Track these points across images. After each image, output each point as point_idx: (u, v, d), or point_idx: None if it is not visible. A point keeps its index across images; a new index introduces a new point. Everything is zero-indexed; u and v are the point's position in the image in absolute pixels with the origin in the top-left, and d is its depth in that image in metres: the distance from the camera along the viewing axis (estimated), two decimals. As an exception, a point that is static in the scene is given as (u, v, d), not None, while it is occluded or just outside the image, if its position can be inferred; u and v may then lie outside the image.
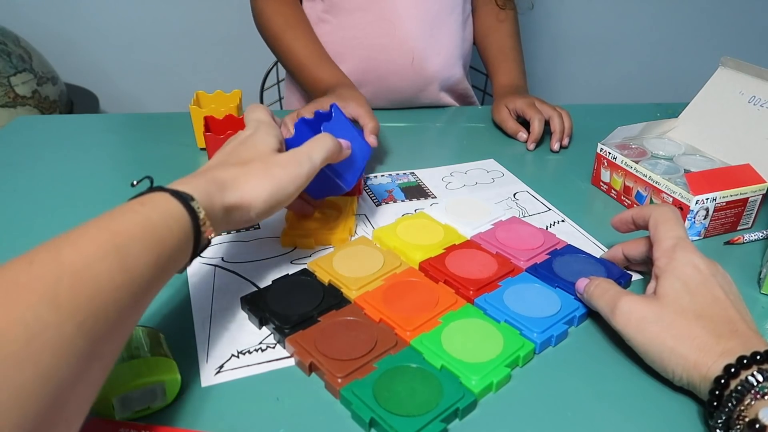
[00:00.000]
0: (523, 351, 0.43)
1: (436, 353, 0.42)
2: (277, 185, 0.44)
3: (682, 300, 0.41)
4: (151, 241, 0.33)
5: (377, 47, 0.92)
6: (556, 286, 0.50)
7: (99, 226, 0.32)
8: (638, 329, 0.41)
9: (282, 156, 0.46)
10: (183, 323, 0.47)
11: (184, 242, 0.37)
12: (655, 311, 0.41)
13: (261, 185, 0.43)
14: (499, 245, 0.56)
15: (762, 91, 0.66)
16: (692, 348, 0.38)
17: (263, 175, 0.44)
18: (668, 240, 0.44)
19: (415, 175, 0.74)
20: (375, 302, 0.48)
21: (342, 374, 0.40)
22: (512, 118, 0.85)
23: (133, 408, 0.38)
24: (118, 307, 0.30)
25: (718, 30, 1.95)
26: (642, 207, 0.50)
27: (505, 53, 1.00)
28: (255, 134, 0.48)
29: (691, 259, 0.42)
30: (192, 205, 0.37)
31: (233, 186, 0.42)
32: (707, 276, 0.42)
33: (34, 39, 1.53)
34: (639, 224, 0.50)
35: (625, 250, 0.53)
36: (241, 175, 0.43)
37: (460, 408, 0.39)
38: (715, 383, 0.36)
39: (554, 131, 0.81)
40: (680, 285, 0.41)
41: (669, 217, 0.46)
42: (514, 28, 1.03)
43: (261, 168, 0.44)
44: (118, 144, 0.83)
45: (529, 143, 0.82)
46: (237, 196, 0.42)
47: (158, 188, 0.38)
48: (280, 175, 0.45)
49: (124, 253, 0.31)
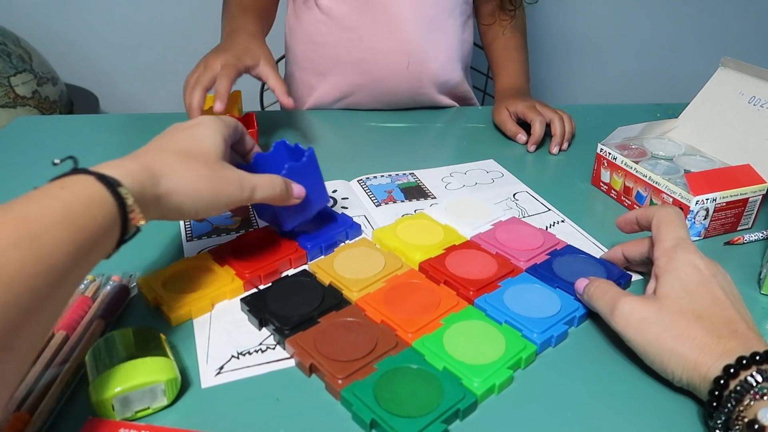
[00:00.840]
0: (525, 353, 0.43)
1: (438, 355, 0.42)
2: (214, 198, 0.43)
3: (682, 300, 0.41)
4: (70, 229, 0.32)
5: (373, 50, 0.91)
6: (556, 287, 0.50)
7: (13, 212, 0.31)
8: (638, 330, 0.41)
9: (230, 173, 0.45)
10: (183, 324, 0.48)
11: (108, 230, 0.35)
12: (655, 312, 0.41)
13: (199, 190, 0.42)
14: (499, 246, 0.56)
15: (762, 92, 0.66)
16: (692, 349, 0.38)
17: (204, 182, 0.42)
18: (669, 240, 0.44)
19: (414, 175, 0.74)
20: (377, 304, 0.48)
21: (342, 375, 0.40)
22: (512, 120, 0.85)
23: (133, 408, 0.38)
24: (32, 296, 0.29)
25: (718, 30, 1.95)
26: (646, 208, 0.50)
27: (510, 53, 1.00)
28: (202, 127, 0.46)
29: (692, 259, 0.42)
30: (119, 191, 0.35)
31: (168, 176, 0.40)
32: (707, 276, 0.41)
33: (34, 39, 1.53)
34: (643, 225, 0.50)
35: (625, 250, 0.53)
36: (180, 169, 0.41)
37: (461, 409, 0.39)
38: (715, 384, 0.36)
39: (554, 134, 0.81)
40: (680, 285, 0.41)
41: (672, 218, 0.46)
42: (520, 25, 1.02)
43: (205, 174, 0.42)
44: (118, 144, 0.83)
45: (529, 145, 0.82)
46: (170, 187, 0.40)
47: (82, 170, 0.36)
48: (221, 190, 0.43)
49: (39, 242, 0.30)
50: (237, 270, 0.52)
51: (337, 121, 0.93)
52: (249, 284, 0.51)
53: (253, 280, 0.51)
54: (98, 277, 0.51)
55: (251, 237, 0.56)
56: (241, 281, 0.51)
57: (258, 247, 0.55)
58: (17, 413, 0.37)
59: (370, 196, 0.68)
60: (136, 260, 0.54)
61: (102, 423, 0.37)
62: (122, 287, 0.49)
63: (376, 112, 0.96)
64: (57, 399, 0.39)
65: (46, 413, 0.38)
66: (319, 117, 0.95)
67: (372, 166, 0.76)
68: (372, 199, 0.68)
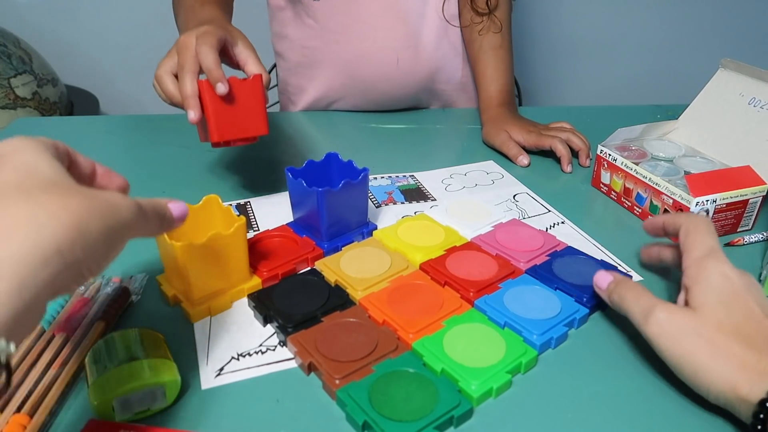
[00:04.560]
0: (525, 358, 0.43)
1: (437, 356, 0.42)
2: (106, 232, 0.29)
3: (719, 313, 0.39)
4: None
5: (359, 51, 0.91)
6: (555, 288, 0.50)
7: None
8: (674, 341, 0.39)
9: (105, 193, 0.31)
10: (183, 325, 0.48)
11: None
12: (694, 324, 0.39)
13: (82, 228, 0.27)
14: (499, 247, 0.56)
15: (762, 93, 0.66)
16: (732, 368, 0.37)
17: (79, 215, 0.28)
18: (699, 249, 0.42)
19: (414, 177, 0.74)
20: (379, 303, 0.48)
21: (339, 375, 0.40)
22: (512, 141, 0.81)
23: (133, 410, 0.38)
24: None
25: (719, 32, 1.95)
26: (675, 214, 0.48)
27: (485, 55, 0.92)
28: (19, 154, 0.30)
29: (723, 269, 0.40)
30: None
31: None
32: (739, 288, 0.40)
33: (34, 41, 1.53)
34: (669, 231, 0.49)
35: (662, 253, 0.51)
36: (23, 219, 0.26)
37: (455, 416, 0.38)
38: (760, 407, 0.35)
39: (580, 149, 0.78)
40: (714, 296, 0.39)
41: (701, 227, 0.44)
42: (498, 26, 0.92)
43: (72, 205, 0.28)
44: (118, 145, 0.83)
45: (566, 166, 0.77)
46: None
47: None
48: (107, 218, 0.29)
49: None
50: (255, 268, 0.52)
51: (337, 122, 0.93)
52: (267, 283, 0.51)
53: (271, 278, 0.52)
54: (98, 279, 0.51)
55: (268, 236, 0.57)
56: (260, 279, 0.51)
57: (275, 246, 0.56)
58: (17, 415, 0.37)
59: (371, 197, 0.68)
60: (136, 261, 0.54)
61: (102, 424, 0.37)
62: (123, 289, 0.49)
63: (376, 114, 0.96)
64: (57, 400, 0.39)
65: (46, 415, 0.38)
66: (319, 118, 0.95)
67: (372, 168, 0.76)
68: (372, 200, 0.68)
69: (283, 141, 0.85)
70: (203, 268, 0.47)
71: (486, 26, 0.92)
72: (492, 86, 0.90)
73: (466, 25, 0.94)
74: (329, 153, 0.60)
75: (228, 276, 0.49)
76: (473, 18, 0.92)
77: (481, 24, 0.91)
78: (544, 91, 1.96)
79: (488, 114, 0.88)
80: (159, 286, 0.50)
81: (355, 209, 0.58)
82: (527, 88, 1.93)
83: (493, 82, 0.91)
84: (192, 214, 0.50)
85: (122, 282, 0.51)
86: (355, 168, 0.57)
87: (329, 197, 0.53)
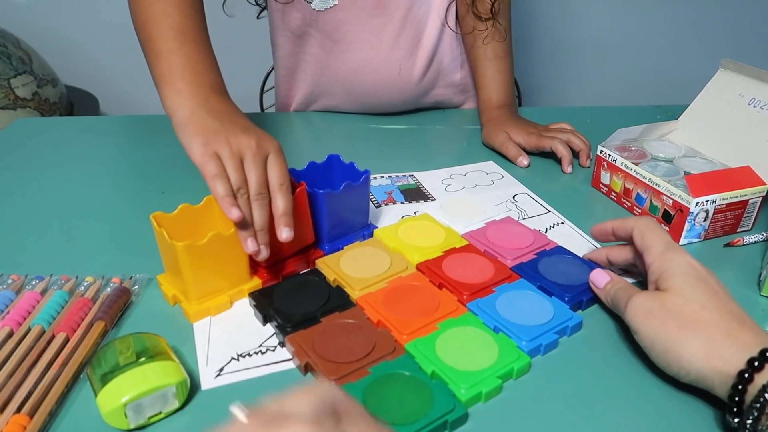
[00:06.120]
0: (518, 364, 0.43)
1: (429, 358, 0.42)
2: None
3: (686, 291, 0.41)
4: None
5: (363, 61, 0.90)
6: (538, 285, 0.51)
7: None
8: (645, 319, 0.42)
9: None
10: (183, 325, 0.48)
11: None
12: (663, 302, 0.42)
13: None
14: (488, 243, 0.56)
15: (762, 93, 0.66)
16: (700, 339, 0.39)
17: None
18: (658, 245, 0.45)
19: (414, 177, 0.74)
20: (375, 304, 0.48)
21: (335, 376, 0.40)
22: (512, 142, 0.81)
23: (146, 414, 0.38)
24: None
25: (718, 32, 1.96)
26: (623, 219, 0.51)
27: (487, 62, 0.91)
28: None
29: (686, 258, 0.44)
30: None
31: None
32: (703, 273, 0.43)
33: (34, 41, 1.53)
34: (619, 236, 0.51)
35: (610, 254, 0.54)
36: None
37: (449, 420, 0.38)
38: (739, 378, 0.36)
39: (581, 149, 0.78)
40: (680, 279, 0.42)
41: (653, 226, 0.47)
42: (501, 33, 0.91)
43: None
44: (118, 146, 0.83)
45: (567, 167, 0.77)
46: None
47: None
48: None
49: None
50: (255, 269, 0.52)
51: (337, 123, 0.93)
52: (267, 283, 0.51)
53: (272, 279, 0.52)
54: (98, 279, 0.51)
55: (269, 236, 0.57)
56: (260, 280, 0.51)
57: (276, 245, 0.55)
58: (17, 415, 0.37)
59: (371, 197, 0.68)
60: (136, 261, 0.54)
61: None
62: (123, 289, 0.49)
63: (371, 115, 0.95)
64: (57, 401, 0.39)
65: (46, 415, 0.38)
66: (319, 119, 0.95)
67: (372, 168, 0.76)
68: (372, 200, 0.68)
69: (283, 141, 0.85)
70: (204, 268, 0.47)
71: (490, 34, 0.91)
72: (492, 88, 0.91)
73: (468, 32, 0.93)
74: (331, 155, 0.60)
75: (228, 276, 0.49)
76: (476, 25, 0.91)
77: (485, 32, 0.91)
78: (544, 92, 1.96)
79: (488, 116, 0.88)
80: (159, 286, 0.51)
81: (356, 211, 0.58)
82: (527, 88, 1.93)
83: (493, 85, 0.91)
84: (192, 214, 0.50)
85: (122, 282, 0.51)
86: (357, 170, 0.57)
87: (330, 199, 0.53)
